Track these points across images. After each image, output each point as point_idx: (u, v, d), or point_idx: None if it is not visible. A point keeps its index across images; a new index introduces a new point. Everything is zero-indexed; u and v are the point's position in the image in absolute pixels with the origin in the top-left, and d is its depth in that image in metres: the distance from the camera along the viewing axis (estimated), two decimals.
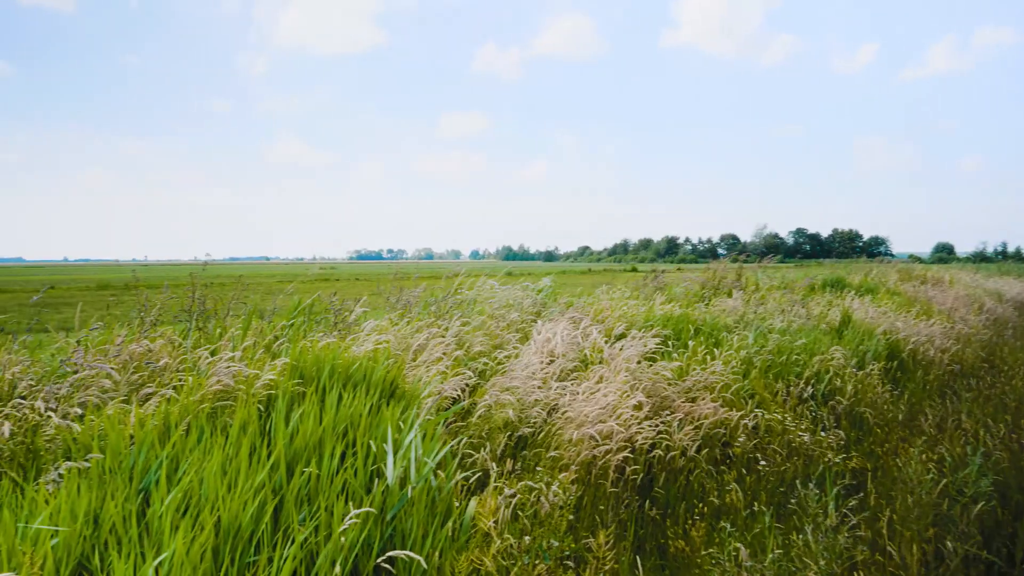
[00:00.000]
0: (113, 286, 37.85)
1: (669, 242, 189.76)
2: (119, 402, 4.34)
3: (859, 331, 9.58)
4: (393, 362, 5.24)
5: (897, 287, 16.54)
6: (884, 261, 25.71)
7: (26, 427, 3.83)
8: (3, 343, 4.94)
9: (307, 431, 3.79)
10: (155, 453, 3.53)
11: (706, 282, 13.70)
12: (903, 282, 18.14)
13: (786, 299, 11.99)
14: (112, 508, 2.97)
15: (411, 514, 3.48)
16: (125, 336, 5.08)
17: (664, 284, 12.85)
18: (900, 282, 17.97)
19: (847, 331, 9.68)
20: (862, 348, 8.72)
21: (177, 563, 2.72)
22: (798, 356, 7.63)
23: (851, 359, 8.06)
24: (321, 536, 3.18)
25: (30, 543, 2.71)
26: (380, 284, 8.82)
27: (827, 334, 9.39)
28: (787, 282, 15.23)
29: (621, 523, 4.52)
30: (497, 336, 6.87)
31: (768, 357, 7.37)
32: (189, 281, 6.39)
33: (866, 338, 9.24)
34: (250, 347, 5.43)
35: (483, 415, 4.95)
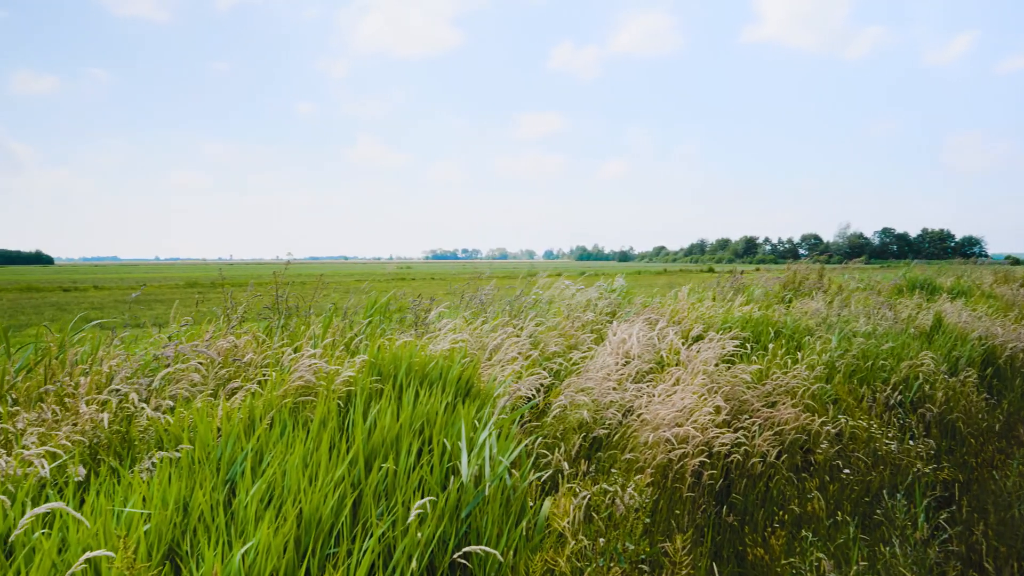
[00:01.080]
0: (201, 284, 39.44)
1: (748, 242, 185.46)
2: (207, 396, 4.51)
3: (951, 335, 9.14)
4: (469, 361, 5.28)
5: (993, 290, 15.71)
6: (979, 262, 24.50)
7: (122, 417, 4.03)
8: (102, 338, 5.20)
9: (384, 427, 3.86)
10: (240, 445, 3.65)
11: (786, 283, 13.34)
12: (1000, 285, 17.21)
13: (872, 301, 11.56)
14: (201, 497, 3.08)
15: (486, 512, 3.49)
16: (213, 333, 5.28)
17: (742, 285, 12.56)
18: (996, 285, 17.07)
19: (938, 335, 9.25)
20: (954, 354, 8.31)
21: (262, 552, 2.80)
22: (885, 361, 7.33)
23: (942, 365, 7.70)
24: (398, 531, 3.23)
25: (124, 527, 2.84)
26: (455, 283, 8.91)
27: (916, 338, 8.99)
28: (873, 284, 14.67)
29: (698, 528, 4.44)
30: (572, 336, 6.85)
31: (853, 361, 7.11)
32: (272, 280, 6.59)
33: (959, 343, 8.81)
34: (330, 344, 5.57)
35: (558, 415, 4.93)
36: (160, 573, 2.72)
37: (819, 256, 17.70)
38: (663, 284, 13.11)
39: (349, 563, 2.98)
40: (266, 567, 2.80)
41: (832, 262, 14.79)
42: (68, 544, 2.72)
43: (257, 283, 6.89)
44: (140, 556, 2.72)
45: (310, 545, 3.04)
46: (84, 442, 3.74)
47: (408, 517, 3.26)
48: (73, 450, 3.63)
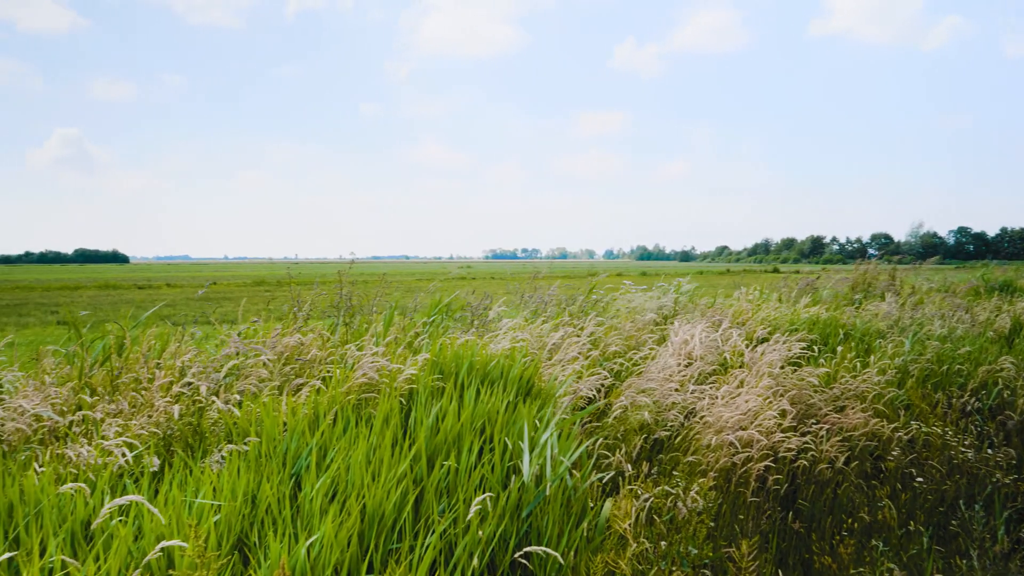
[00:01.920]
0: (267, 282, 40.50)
1: (814, 241, 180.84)
2: (273, 391, 4.62)
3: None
4: (529, 360, 5.28)
5: None
6: None
7: (193, 410, 4.15)
8: (174, 333, 5.38)
9: (446, 425, 3.88)
10: (306, 440, 3.73)
11: (856, 284, 12.94)
12: None
13: (947, 303, 11.13)
14: (268, 490, 3.16)
15: (546, 512, 3.48)
16: (280, 330, 5.41)
17: (809, 286, 12.24)
18: None
19: (1018, 339, 8.85)
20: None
21: (327, 545, 2.85)
22: (961, 365, 7.04)
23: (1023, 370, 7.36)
24: (459, 528, 3.25)
25: (196, 517, 2.93)
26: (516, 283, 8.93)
27: (995, 342, 8.62)
28: (948, 285, 14.12)
29: (763, 534, 4.34)
30: (633, 337, 6.78)
31: (927, 365, 6.86)
32: (337, 279, 6.71)
33: None
34: (392, 343, 5.64)
35: (619, 416, 4.89)
36: (229, 563, 2.80)
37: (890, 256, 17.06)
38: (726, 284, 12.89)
39: (411, 559, 3.01)
40: (330, 560, 2.85)
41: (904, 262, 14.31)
42: (143, 532, 2.81)
43: (322, 282, 7.02)
44: (210, 546, 2.80)
45: (373, 540, 3.08)
46: (158, 433, 3.88)
47: (469, 514, 3.28)
48: (148, 441, 3.76)
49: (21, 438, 3.88)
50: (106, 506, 2.57)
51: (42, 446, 3.83)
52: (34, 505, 2.94)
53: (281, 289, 27.69)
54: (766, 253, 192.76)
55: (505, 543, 3.34)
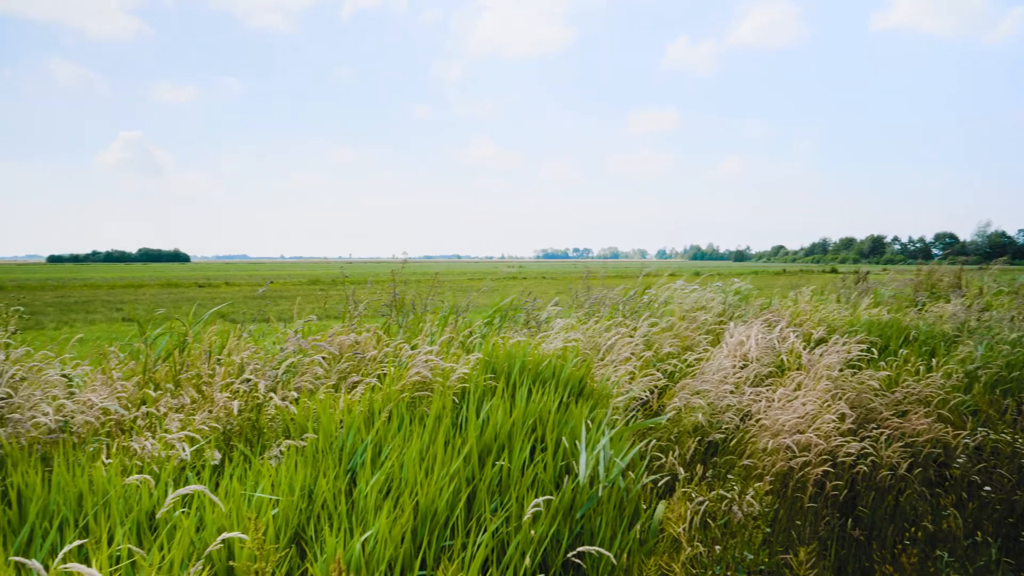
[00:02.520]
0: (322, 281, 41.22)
1: (874, 241, 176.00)
2: (329, 388, 4.70)
3: None
4: (581, 361, 5.26)
5: None
6: None
7: (252, 405, 4.25)
8: (234, 330, 5.52)
9: (498, 424, 3.90)
10: (361, 437, 3.78)
11: (918, 285, 12.55)
12: None
13: (1017, 306, 10.71)
14: (324, 485, 3.21)
15: (599, 513, 3.47)
16: (336, 329, 5.50)
17: (869, 287, 11.91)
18: None
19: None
20: None
21: (381, 540, 2.89)
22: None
23: None
24: (511, 527, 3.25)
25: (255, 511, 3.00)
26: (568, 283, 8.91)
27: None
28: (1018, 287, 13.59)
29: (821, 541, 4.24)
30: (687, 338, 6.70)
31: (996, 371, 6.61)
32: (390, 278, 6.79)
33: None
34: (446, 342, 5.68)
35: (672, 418, 4.84)
36: (287, 556, 2.85)
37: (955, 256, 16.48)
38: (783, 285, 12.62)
39: (464, 556, 3.02)
40: (384, 556, 2.88)
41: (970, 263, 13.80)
42: (205, 524, 2.89)
43: (376, 281, 7.12)
44: (269, 539, 2.86)
45: (426, 537, 3.11)
46: (218, 428, 3.98)
47: (521, 513, 3.29)
48: (209, 435, 3.86)
49: (90, 430, 4.03)
50: (170, 496, 2.65)
51: (109, 438, 3.96)
52: (102, 495, 3.04)
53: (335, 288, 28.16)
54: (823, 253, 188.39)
55: (558, 543, 3.33)
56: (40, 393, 4.12)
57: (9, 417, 3.82)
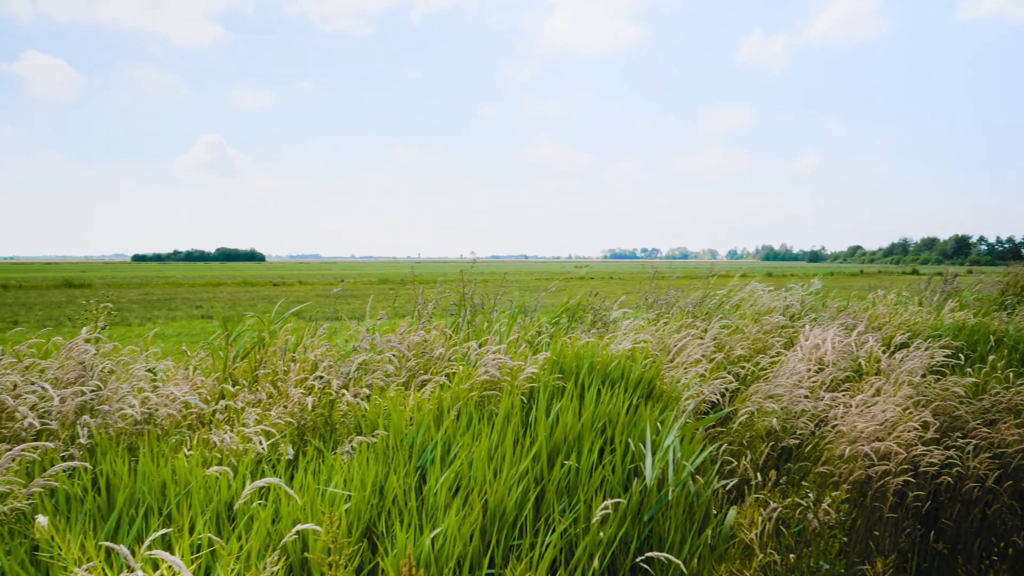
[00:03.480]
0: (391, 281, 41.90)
1: (958, 241, 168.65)
2: (399, 386, 4.76)
3: None
4: (651, 362, 5.20)
5: None
6: None
7: (324, 401, 4.35)
8: (307, 328, 5.65)
9: (566, 425, 3.88)
10: (430, 435, 3.82)
11: (1008, 287, 11.97)
12: None
13: None
14: (395, 481, 3.26)
15: (668, 517, 3.42)
16: (406, 327, 5.57)
17: (954, 289, 11.41)
18: None
19: None
20: None
21: (450, 538, 2.92)
22: None
23: None
24: (579, 528, 3.24)
25: (327, 504, 3.06)
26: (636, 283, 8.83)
27: None
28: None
29: (901, 553, 4.09)
30: (759, 340, 6.55)
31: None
32: (459, 277, 6.85)
33: None
34: (514, 341, 5.70)
35: (744, 422, 4.74)
36: (359, 550, 2.90)
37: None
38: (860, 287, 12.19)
39: (532, 556, 3.03)
40: (453, 553, 2.90)
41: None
42: (280, 516, 2.97)
43: (444, 280, 7.19)
44: (341, 532, 2.92)
45: (494, 535, 3.12)
46: (293, 423, 4.08)
47: (589, 515, 3.27)
48: (284, 430, 3.97)
49: (172, 423, 4.18)
50: (248, 487, 2.73)
51: (190, 431, 4.11)
52: (184, 485, 3.16)
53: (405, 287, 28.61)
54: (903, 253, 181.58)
55: (626, 546, 3.30)
56: (127, 386, 4.30)
57: (99, 408, 4.00)
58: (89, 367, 4.35)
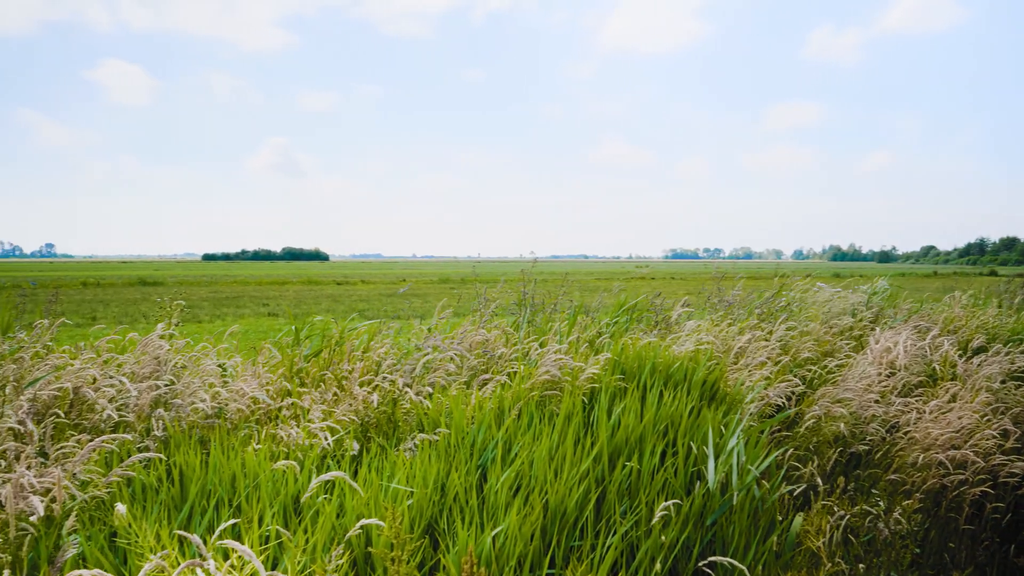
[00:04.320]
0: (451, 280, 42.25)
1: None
2: (460, 384, 4.80)
3: None
4: (714, 364, 5.12)
5: None
6: None
7: (388, 399, 4.41)
8: (371, 328, 5.74)
9: (628, 426, 3.85)
10: (491, 434, 3.84)
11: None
12: None
13: None
14: (456, 479, 3.28)
15: (732, 522, 3.36)
16: (468, 327, 5.61)
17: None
18: None
19: None
20: None
21: (511, 537, 2.92)
22: None
23: None
24: (641, 531, 3.21)
25: (390, 500, 3.10)
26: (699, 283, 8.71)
27: None
28: None
29: (979, 567, 3.93)
30: (827, 343, 6.38)
31: None
32: (520, 277, 6.86)
33: None
34: (575, 341, 5.68)
35: (811, 426, 4.62)
36: (420, 546, 2.93)
37: None
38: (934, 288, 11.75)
39: (593, 557, 3.01)
40: (514, 552, 2.91)
41: None
42: (344, 510, 3.02)
43: (506, 280, 7.21)
44: (404, 528, 2.96)
45: (555, 536, 3.12)
46: (356, 420, 4.15)
47: (651, 518, 3.23)
48: (348, 427, 4.04)
49: (241, 417, 4.30)
50: (314, 481, 2.78)
51: (258, 426, 4.22)
52: (253, 478, 3.24)
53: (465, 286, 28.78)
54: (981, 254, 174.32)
55: (688, 550, 3.26)
56: (198, 381, 4.44)
57: (172, 402, 4.14)
58: (163, 362, 4.51)
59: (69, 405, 3.96)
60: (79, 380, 4.02)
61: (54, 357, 4.46)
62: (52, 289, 6.41)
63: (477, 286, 6.81)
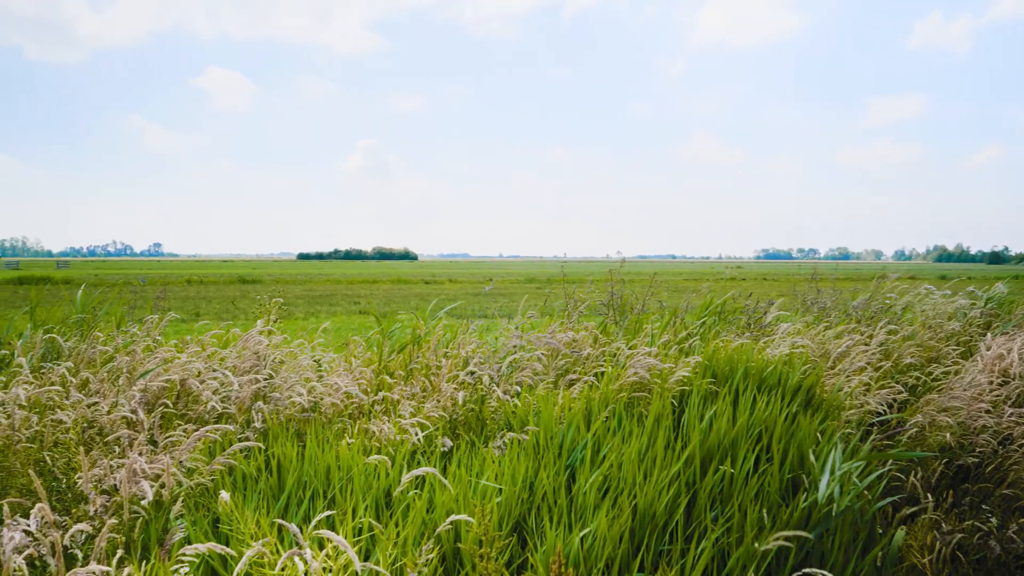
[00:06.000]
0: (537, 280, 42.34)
1: None
2: (548, 384, 4.80)
3: None
4: (810, 368, 4.95)
5: None
6: None
7: (476, 397, 4.45)
8: (461, 327, 5.81)
9: (720, 431, 3.76)
10: (580, 434, 3.82)
11: None
12: None
13: None
14: (544, 479, 3.28)
15: (830, 533, 3.23)
16: (556, 326, 5.61)
17: None
18: None
19: None
20: None
21: (599, 538, 2.90)
22: None
23: None
24: (733, 538, 3.13)
25: (479, 497, 3.13)
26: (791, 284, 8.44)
27: None
28: None
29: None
30: (931, 348, 6.07)
31: None
32: (608, 277, 6.81)
33: None
34: (663, 343, 5.60)
35: (914, 436, 4.40)
36: (509, 544, 2.95)
37: None
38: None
39: (683, 563, 2.95)
40: (602, 554, 2.88)
41: None
42: (434, 505, 3.06)
43: (594, 280, 7.17)
44: (492, 525, 2.98)
45: (644, 539, 3.07)
46: (445, 417, 4.21)
47: (744, 524, 3.15)
48: (437, 423, 4.10)
49: (335, 411, 4.43)
50: (406, 475, 2.84)
51: (351, 420, 4.34)
52: (346, 471, 3.33)
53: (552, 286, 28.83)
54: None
55: (783, 560, 3.15)
56: (295, 376, 4.60)
57: (271, 395, 4.30)
58: (263, 357, 4.69)
59: (176, 396, 4.17)
60: (186, 373, 4.23)
61: (163, 350, 4.70)
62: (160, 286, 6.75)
63: (564, 286, 6.80)
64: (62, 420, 3.47)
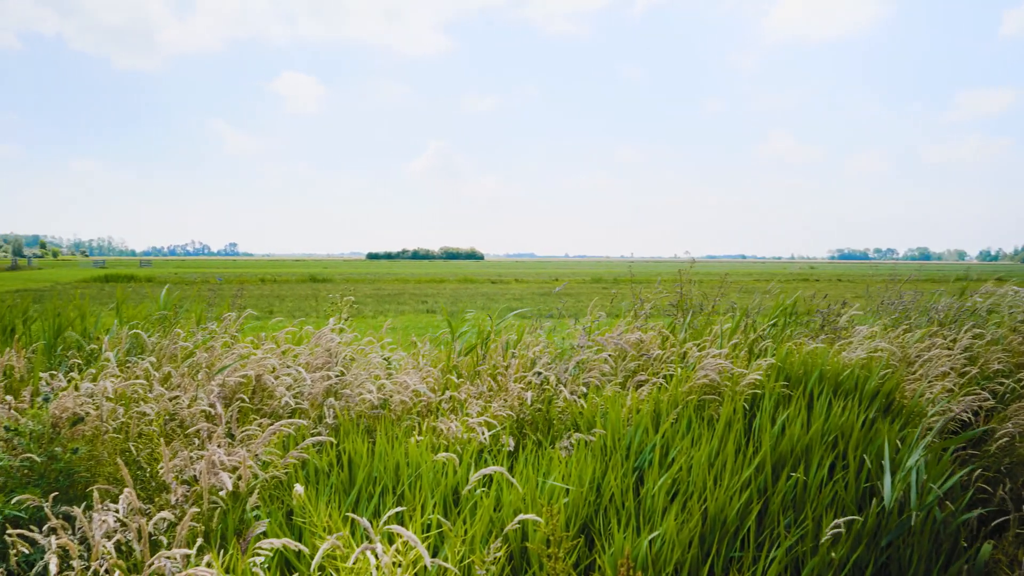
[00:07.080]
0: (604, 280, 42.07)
1: None
2: (615, 385, 4.76)
3: None
4: (889, 373, 4.77)
5: None
6: None
7: (543, 397, 4.44)
8: (528, 327, 5.82)
9: (793, 436, 3.66)
10: (649, 436, 3.77)
11: None
12: None
13: None
14: (612, 480, 3.25)
15: (910, 544, 3.11)
16: (624, 327, 5.56)
17: None
18: None
19: None
20: None
21: (668, 542, 2.86)
22: None
23: None
24: (807, 546, 3.04)
25: (546, 497, 3.12)
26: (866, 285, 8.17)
27: None
28: None
29: None
30: (1021, 354, 5.78)
31: None
32: (677, 278, 6.71)
33: None
34: (733, 345, 5.48)
35: (1003, 445, 4.20)
36: (576, 545, 2.93)
37: None
38: None
39: (754, 570, 2.89)
40: (671, 558, 2.84)
41: None
42: (502, 504, 3.07)
43: (663, 280, 7.08)
44: (559, 525, 2.97)
45: (714, 545, 3.02)
46: (512, 416, 4.22)
47: (818, 533, 3.06)
48: (504, 422, 4.11)
49: (404, 409, 4.49)
50: (475, 474, 2.86)
51: (420, 418, 4.39)
52: (415, 468, 3.37)
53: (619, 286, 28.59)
54: None
55: (858, 571, 3.05)
56: (365, 373, 4.68)
57: (342, 392, 4.39)
58: (335, 354, 4.79)
59: (252, 391, 4.29)
60: (261, 368, 4.35)
61: (240, 347, 4.85)
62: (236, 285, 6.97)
63: (632, 286, 6.73)
64: (146, 412, 3.62)
